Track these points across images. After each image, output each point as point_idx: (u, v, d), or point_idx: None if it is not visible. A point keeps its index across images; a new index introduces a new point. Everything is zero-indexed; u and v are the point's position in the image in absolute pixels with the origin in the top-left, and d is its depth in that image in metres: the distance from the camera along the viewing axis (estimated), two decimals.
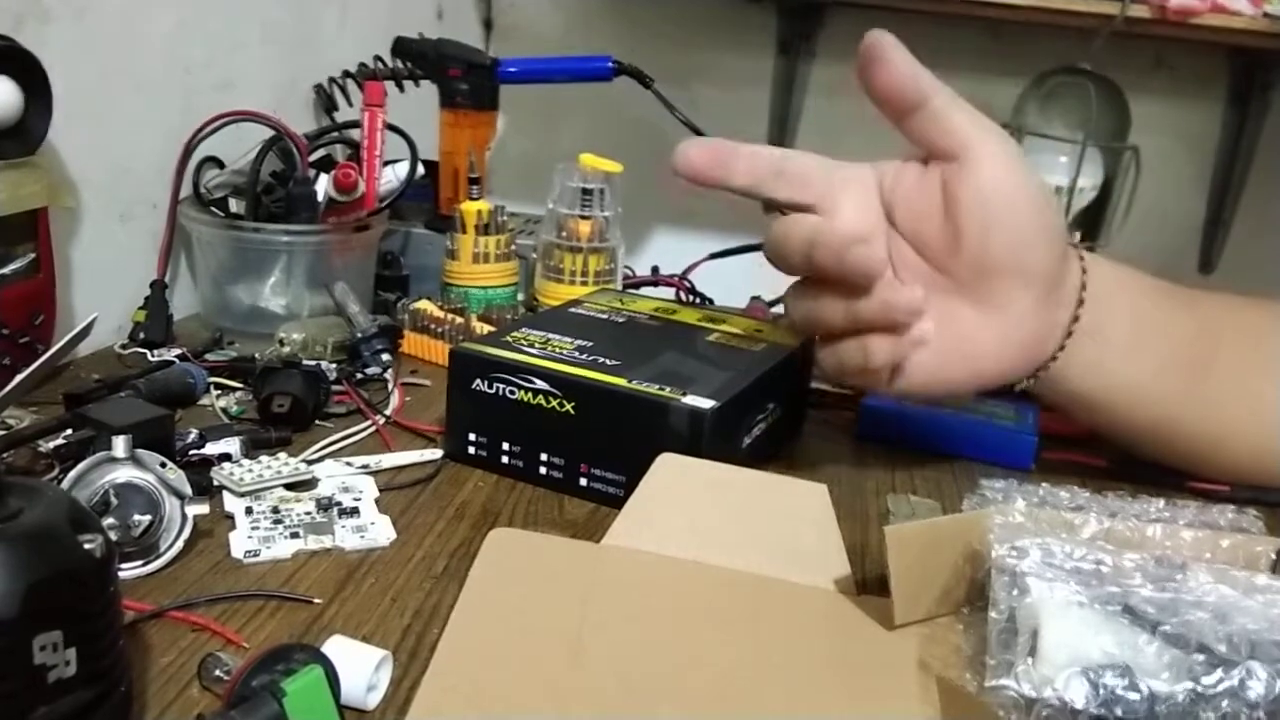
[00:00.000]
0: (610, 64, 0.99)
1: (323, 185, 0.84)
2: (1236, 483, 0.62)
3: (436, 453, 0.62)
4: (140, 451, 0.48)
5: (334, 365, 0.70)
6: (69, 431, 0.55)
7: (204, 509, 0.49)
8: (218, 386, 0.69)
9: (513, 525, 0.55)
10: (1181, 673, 0.38)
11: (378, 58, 1.01)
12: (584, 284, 0.86)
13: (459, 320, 0.79)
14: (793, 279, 0.58)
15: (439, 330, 0.79)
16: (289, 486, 0.56)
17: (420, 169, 0.89)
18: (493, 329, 0.77)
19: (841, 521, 0.52)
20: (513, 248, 0.87)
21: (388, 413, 0.67)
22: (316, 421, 0.65)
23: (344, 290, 0.77)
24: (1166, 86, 1.26)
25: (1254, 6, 1.05)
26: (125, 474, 0.47)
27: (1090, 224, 1.09)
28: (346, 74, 1.02)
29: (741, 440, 0.60)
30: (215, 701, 0.39)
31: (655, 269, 1.03)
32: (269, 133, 0.82)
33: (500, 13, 1.45)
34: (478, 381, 0.60)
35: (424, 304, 0.81)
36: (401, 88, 1.00)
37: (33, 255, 0.67)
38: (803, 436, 0.71)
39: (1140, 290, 0.60)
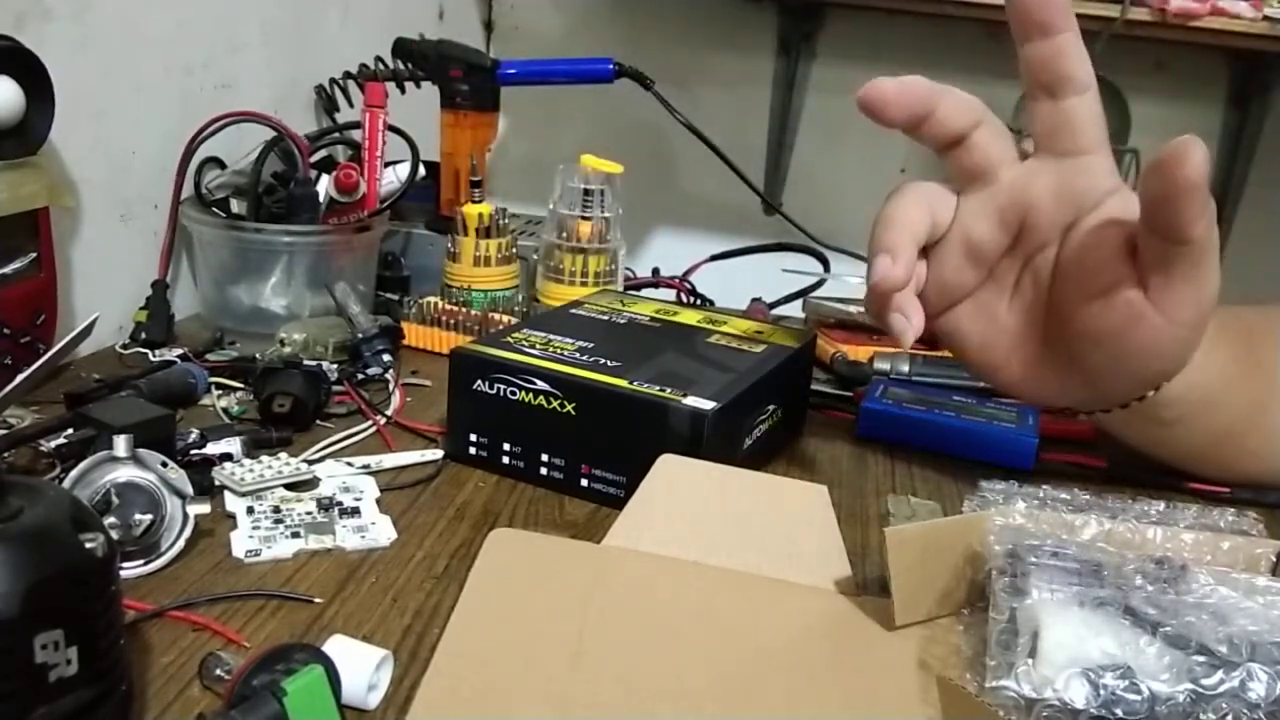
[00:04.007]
0: (611, 66, 0.99)
1: (324, 186, 0.84)
2: None
3: (437, 453, 0.62)
4: (141, 451, 0.48)
5: (335, 365, 0.70)
6: (70, 431, 0.55)
7: (205, 508, 0.49)
8: (219, 386, 0.69)
9: (513, 526, 0.55)
10: (1182, 674, 0.38)
11: (379, 58, 1.01)
12: (585, 285, 0.86)
13: (473, 312, 0.80)
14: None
15: (450, 322, 0.79)
16: (290, 486, 0.56)
17: (421, 170, 0.90)
18: (501, 322, 0.78)
19: (841, 522, 0.52)
20: (514, 250, 0.87)
21: (388, 413, 0.67)
22: (317, 422, 0.65)
23: (345, 291, 0.77)
24: (1166, 88, 1.27)
25: (1254, 9, 1.05)
26: (126, 473, 0.47)
27: None
28: (347, 75, 1.02)
29: (742, 441, 0.60)
30: (216, 701, 0.39)
31: (656, 270, 1.03)
32: (270, 133, 0.82)
33: (501, 14, 1.45)
34: (479, 382, 0.60)
35: (431, 299, 0.82)
36: (402, 89, 1.00)
37: (34, 255, 0.67)
38: (803, 437, 0.71)
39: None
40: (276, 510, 0.53)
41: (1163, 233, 0.48)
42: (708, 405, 0.55)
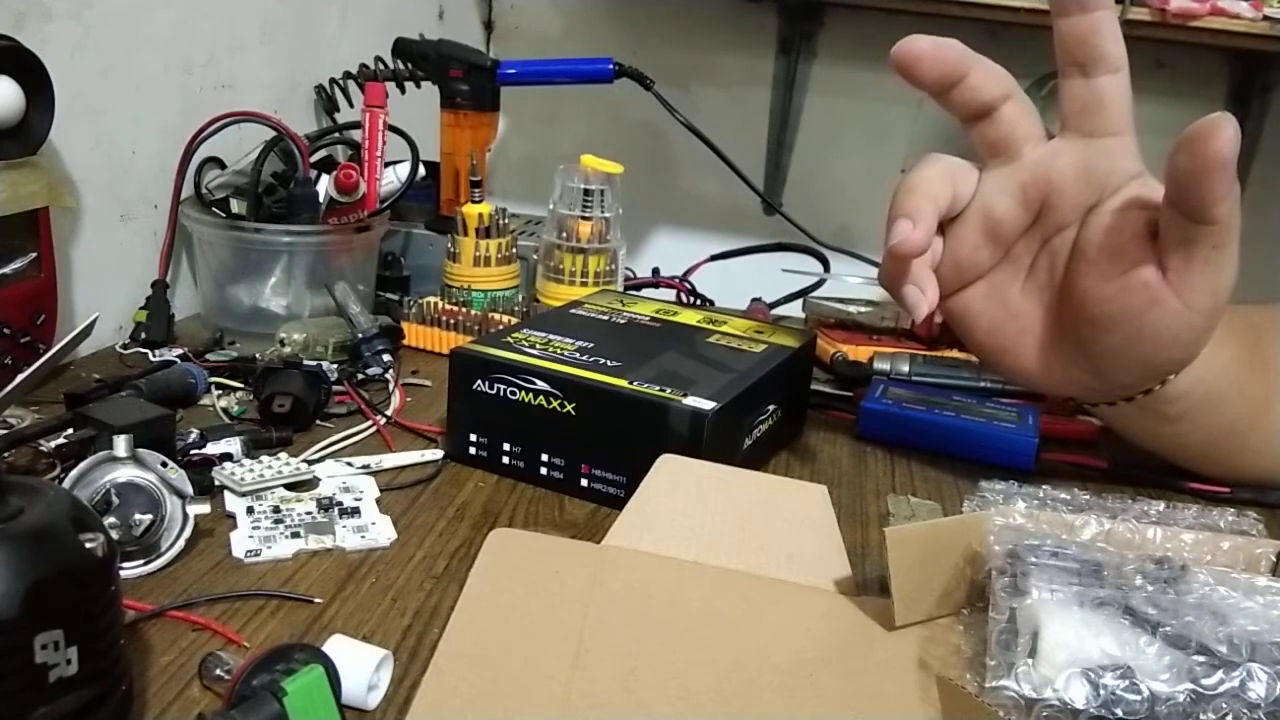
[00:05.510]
0: (611, 66, 0.99)
1: (324, 186, 0.84)
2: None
3: (437, 453, 0.62)
4: (141, 451, 0.48)
5: (335, 365, 0.70)
6: (70, 431, 0.55)
7: (205, 508, 0.49)
8: (219, 386, 0.69)
9: (513, 526, 0.55)
10: (1182, 674, 0.38)
11: (379, 58, 1.01)
12: (585, 285, 0.86)
13: (473, 312, 0.80)
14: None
15: (450, 322, 0.79)
16: (290, 486, 0.56)
17: (421, 170, 0.90)
18: (501, 322, 0.78)
19: (841, 522, 0.52)
20: (514, 250, 0.87)
21: (388, 413, 0.67)
22: (317, 422, 0.65)
23: (345, 290, 0.77)
24: (1166, 88, 1.27)
25: (1254, 9, 1.05)
26: (126, 473, 0.47)
27: None
28: (347, 75, 1.02)
29: (742, 441, 0.60)
30: (216, 701, 0.39)
31: (656, 270, 1.03)
32: (270, 133, 0.82)
33: (501, 14, 1.45)
34: (478, 382, 0.60)
35: (431, 299, 0.83)
36: (402, 89, 1.00)
37: (34, 255, 0.67)
38: (803, 437, 0.71)
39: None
40: (276, 510, 0.53)
41: (1187, 210, 0.48)
42: (708, 405, 0.55)
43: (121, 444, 0.47)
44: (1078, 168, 0.53)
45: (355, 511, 0.54)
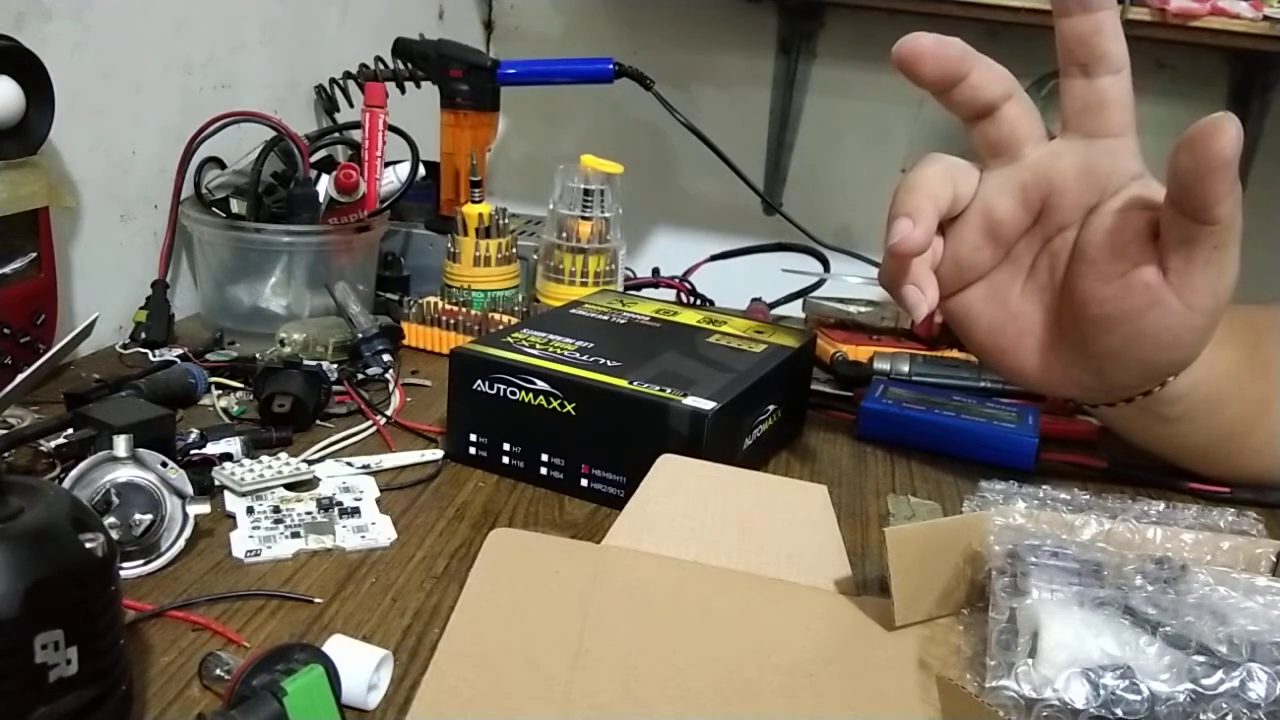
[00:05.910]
0: (611, 66, 0.99)
1: (324, 186, 0.84)
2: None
3: (437, 453, 0.62)
4: (141, 451, 0.48)
5: (335, 365, 0.70)
6: (70, 431, 0.55)
7: (205, 508, 0.49)
8: (219, 386, 0.69)
9: (513, 526, 0.55)
10: (1182, 674, 0.38)
11: (379, 58, 1.01)
12: (585, 285, 0.86)
13: (473, 312, 0.80)
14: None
15: (450, 322, 0.79)
16: (290, 486, 0.56)
17: (421, 170, 0.90)
18: (501, 322, 0.78)
19: (841, 522, 0.52)
20: (514, 250, 0.87)
21: (388, 413, 0.67)
22: (317, 422, 0.65)
23: (345, 290, 0.77)
24: (1167, 88, 1.27)
25: (1254, 9, 1.05)
26: (126, 473, 0.47)
27: None
28: (347, 75, 1.02)
29: (742, 441, 0.60)
30: (216, 701, 0.39)
31: (656, 270, 1.03)
32: (270, 133, 0.82)
33: (501, 14, 1.45)
34: (479, 382, 0.60)
35: (431, 299, 0.83)
36: (402, 89, 1.00)
37: (34, 255, 0.67)
38: (803, 437, 0.71)
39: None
40: (276, 510, 0.53)
41: (1188, 210, 0.48)
42: (708, 405, 0.55)
43: (121, 444, 0.47)
44: (1079, 168, 0.53)
45: (355, 511, 0.54)
